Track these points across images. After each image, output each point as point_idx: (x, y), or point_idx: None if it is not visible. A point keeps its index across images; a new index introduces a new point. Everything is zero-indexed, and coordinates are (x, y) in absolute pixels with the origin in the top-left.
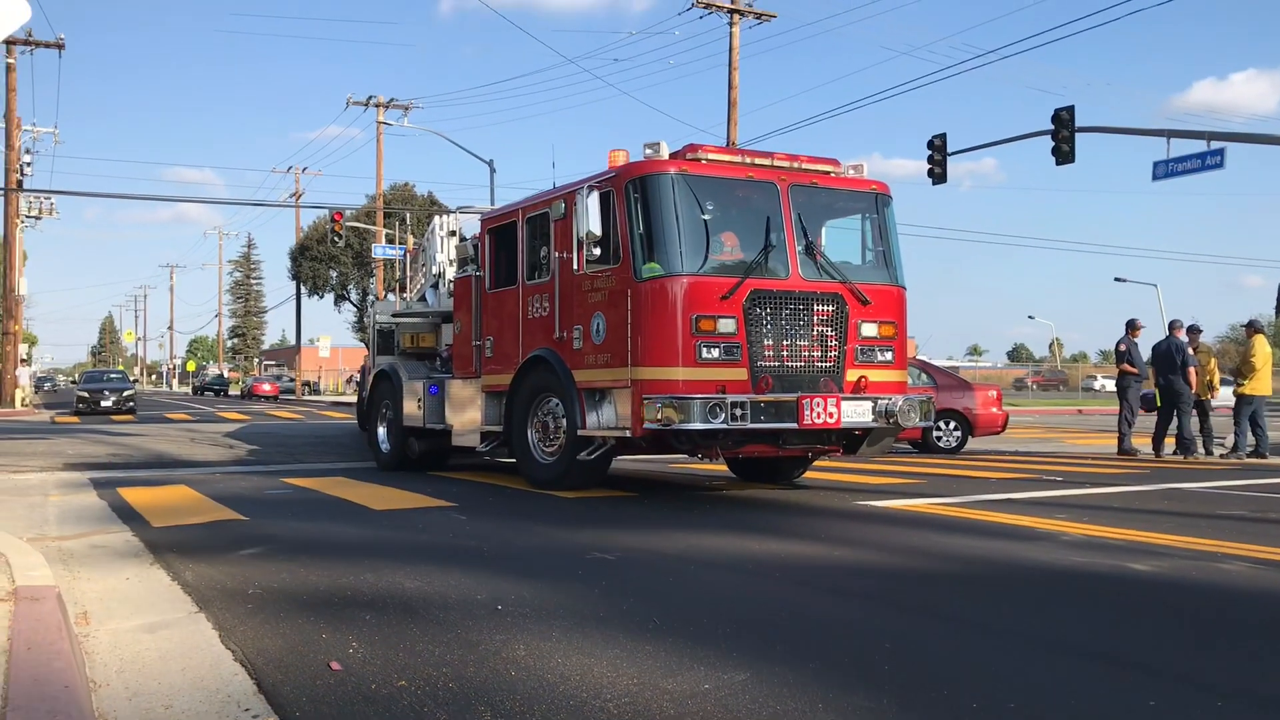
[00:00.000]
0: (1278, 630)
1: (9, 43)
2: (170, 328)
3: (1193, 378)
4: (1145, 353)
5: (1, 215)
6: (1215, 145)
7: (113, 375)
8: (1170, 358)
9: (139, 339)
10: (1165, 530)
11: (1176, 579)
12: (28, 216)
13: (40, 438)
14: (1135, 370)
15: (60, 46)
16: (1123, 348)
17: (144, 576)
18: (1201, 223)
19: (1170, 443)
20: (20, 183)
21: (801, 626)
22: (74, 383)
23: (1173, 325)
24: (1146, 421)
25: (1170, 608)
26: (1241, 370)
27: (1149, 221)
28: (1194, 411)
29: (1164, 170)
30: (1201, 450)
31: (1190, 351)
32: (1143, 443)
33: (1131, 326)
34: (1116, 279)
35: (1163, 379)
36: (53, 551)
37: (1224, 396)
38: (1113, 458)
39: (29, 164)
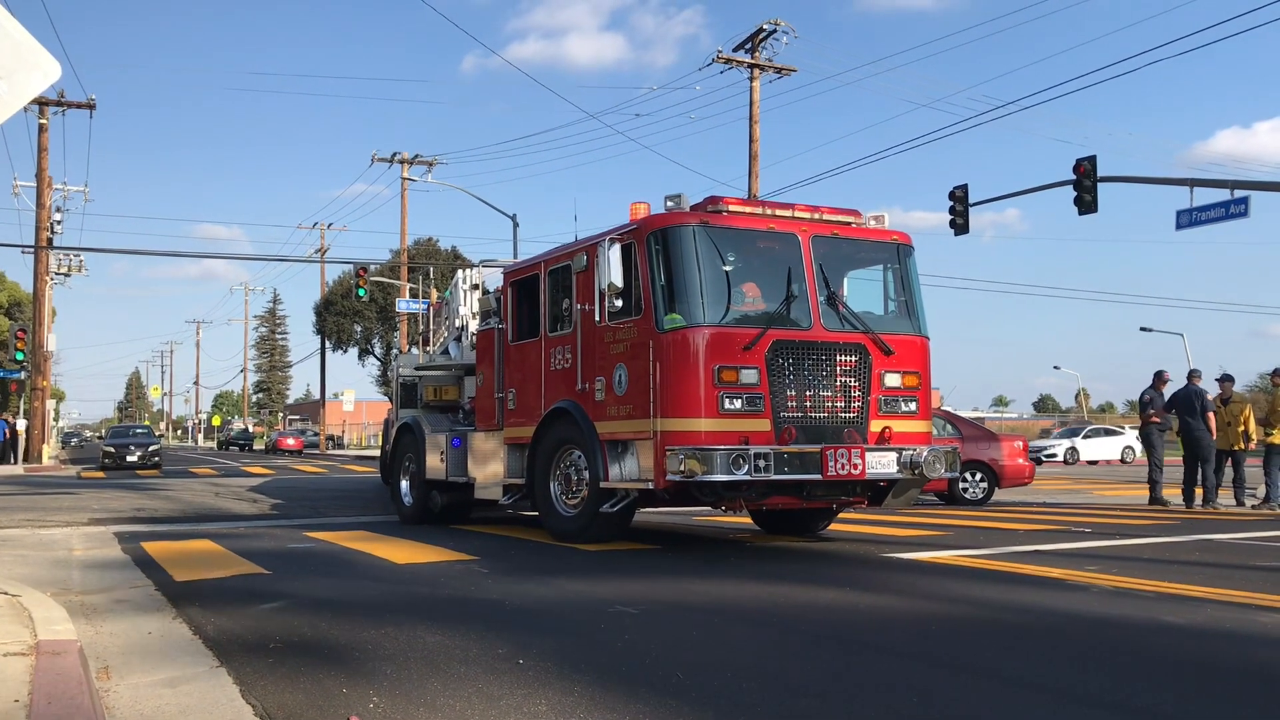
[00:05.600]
0: None
1: (41, 103)
2: (196, 383)
3: (1212, 423)
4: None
5: (32, 273)
6: (1239, 194)
7: (138, 431)
8: (1190, 404)
9: (165, 394)
10: (1198, 582)
11: (1212, 631)
12: (57, 274)
13: (66, 493)
14: (1158, 419)
15: (91, 107)
16: (1146, 398)
17: (166, 630)
18: (1227, 271)
19: (1200, 493)
20: (51, 240)
21: (828, 681)
22: (100, 438)
23: (1191, 374)
24: (1177, 472)
25: (1208, 661)
26: (1270, 419)
27: (1174, 270)
28: (1228, 461)
29: (1188, 219)
30: (1234, 500)
31: (1209, 398)
32: (1174, 494)
33: (1159, 379)
34: (1142, 328)
35: (1183, 426)
36: (75, 605)
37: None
38: (1143, 508)
39: (59, 222)
